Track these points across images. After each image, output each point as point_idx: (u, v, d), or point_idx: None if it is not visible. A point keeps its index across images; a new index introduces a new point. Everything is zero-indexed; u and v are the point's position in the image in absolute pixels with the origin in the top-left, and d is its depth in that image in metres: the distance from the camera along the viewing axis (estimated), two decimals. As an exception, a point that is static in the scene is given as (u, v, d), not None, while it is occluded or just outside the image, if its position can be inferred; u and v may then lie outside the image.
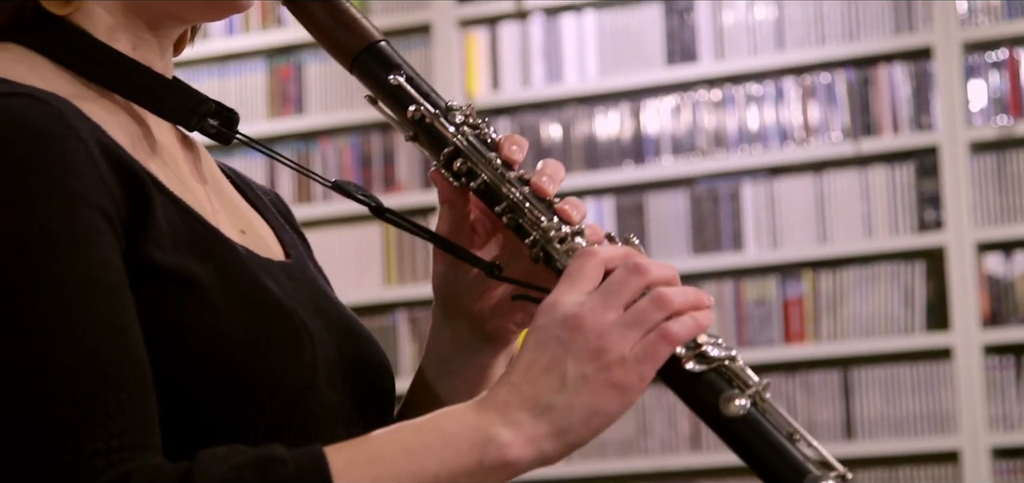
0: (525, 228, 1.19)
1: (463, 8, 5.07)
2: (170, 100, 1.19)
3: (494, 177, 1.20)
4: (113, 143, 1.10)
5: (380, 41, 1.23)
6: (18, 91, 1.07)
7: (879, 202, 4.70)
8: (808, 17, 4.80)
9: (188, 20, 1.24)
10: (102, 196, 1.06)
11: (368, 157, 5.13)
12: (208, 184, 1.25)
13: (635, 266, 1.12)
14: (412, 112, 1.22)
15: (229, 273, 1.13)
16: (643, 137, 4.90)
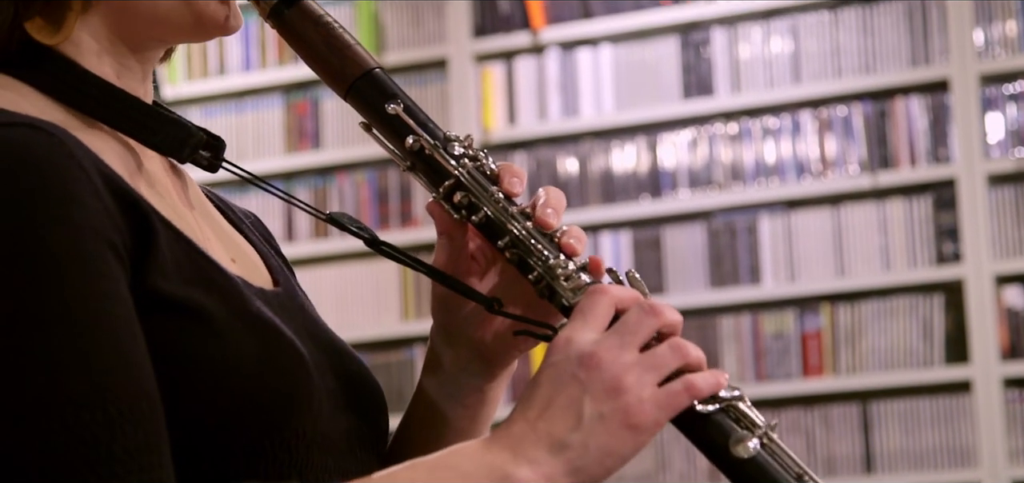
0: (529, 264, 1.18)
1: (479, 43, 5.08)
2: (161, 132, 1.18)
3: (497, 212, 1.19)
4: (113, 172, 1.09)
5: (375, 68, 1.21)
6: (17, 121, 1.05)
7: (897, 235, 4.69)
8: (825, 50, 4.80)
9: (175, 42, 1.23)
10: (107, 227, 1.04)
11: (385, 192, 5.13)
12: (197, 212, 1.24)
13: (650, 308, 1.11)
14: (411, 143, 1.20)
15: (232, 303, 1.12)
16: (660, 171, 4.90)
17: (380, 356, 4.99)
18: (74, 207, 1.03)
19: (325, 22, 1.21)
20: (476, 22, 5.10)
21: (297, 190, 5.19)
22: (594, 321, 1.11)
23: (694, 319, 4.81)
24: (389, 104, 1.20)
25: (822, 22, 4.81)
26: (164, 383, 1.05)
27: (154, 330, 1.06)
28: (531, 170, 4.98)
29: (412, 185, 5.10)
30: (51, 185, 1.02)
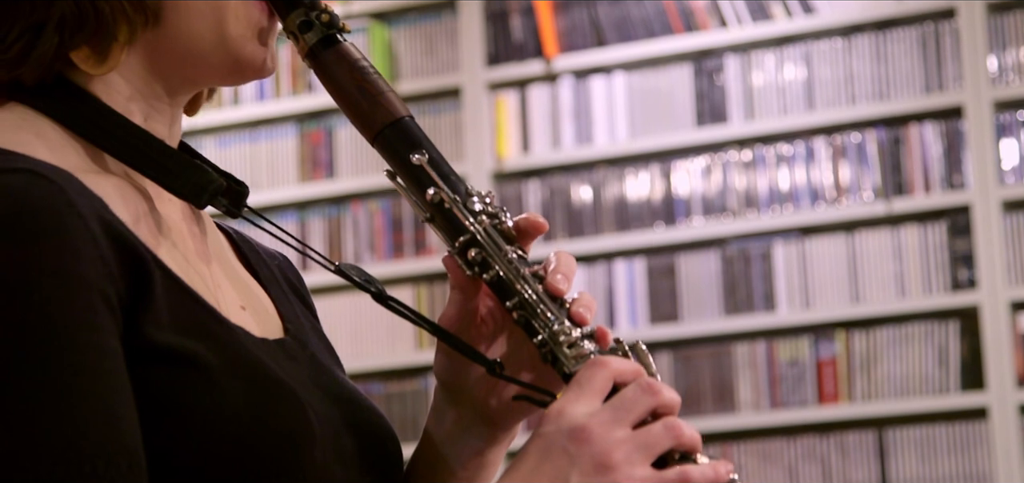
0: (535, 327, 1.17)
1: (493, 71, 5.09)
2: (182, 176, 1.17)
3: (508, 272, 1.18)
4: (115, 219, 1.09)
5: (404, 117, 1.21)
6: (18, 166, 1.05)
7: (912, 261, 4.68)
8: (838, 77, 4.80)
9: (210, 83, 1.23)
10: (101, 277, 1.04)
11: (399, 221, 5.14)
12: (212, 259, 1.23)
13: (648, 386, 1.10)
14: (431, 195, 1.19)
15: (228, 352, 1.11)
16: (674, 198, 4.90)
17: (394, 385, 4.99)
18: (67, 257, 1.02)
19: (360, 66, 1.21)
20: (489, 50, 5.11)
21: (311, 219, 5.20)
22: (590, 393, 1.10)
23: (709, 347, 4.81)
24: (414, 154, 1.20)
25: (835, 49, 4.81)
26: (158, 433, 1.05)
27: (147, 380, 1.06)
28: (545, 198, 4.99)
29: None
30: (46, 235, 1.02)
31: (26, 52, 1.13)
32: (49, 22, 1.13)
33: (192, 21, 1.17)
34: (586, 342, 1.16)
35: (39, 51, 1.13)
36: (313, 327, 1.31)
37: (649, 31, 4.97)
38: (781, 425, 4.71)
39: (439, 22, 5.17)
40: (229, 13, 1.18)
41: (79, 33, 1.13)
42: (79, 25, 1.13)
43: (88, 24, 1.13)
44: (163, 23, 1.16)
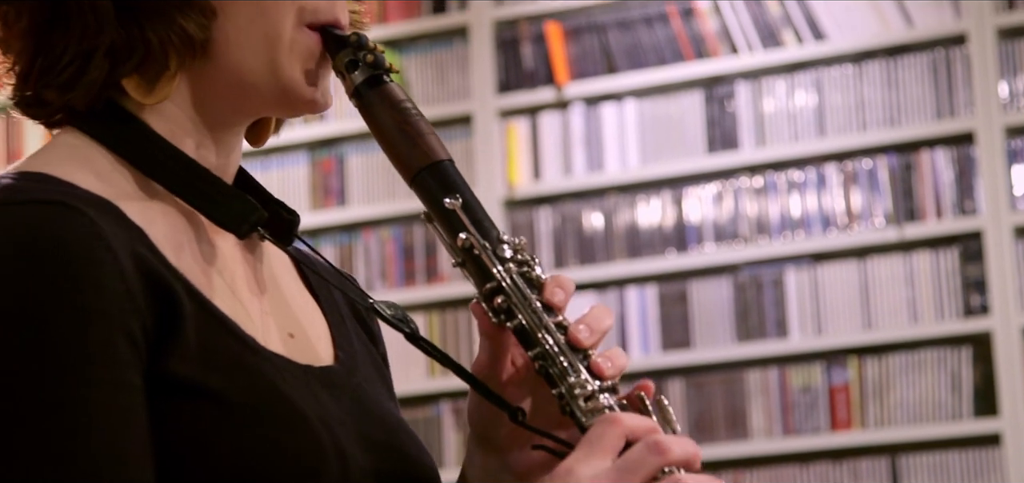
0: (553, 378, 1.17)
1: (504, 99, 5.09)
2: (224, 206, 1.18)
3: (531, 321, 1.17)
4: (150, 251, 1.10)
5: (442, 160, 1.22)
6: (55, 198, 1.07)
7: (924, 288, 4.68)
8: (849, 103, 4.80)
9: (263, 114, 1.24)
10: (125, 312, 1.05)
11: (411, 248, 5.14)
12: (265, 286, 1.24)
13: (655, 445, 1.09)
14: (462, 240, 1.19)
15: (256, 388, 1.12)
16: (685, 225, 4.90)
17: (407, 412, 4.95)
18: (90, 292, 1.04)
19: (403, 107, 1.22)
20: (500, 78, 5.12)
21: (323, 247, 5.20)
22: (600, 452, 1.10)
23: (721, 373, 4.80)
24: (447, 198, 1.20)
25: (846, 75, 4.81)
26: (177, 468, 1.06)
27: (169, 415, 1.07)
28: (556, 225, 4.99)
29: (437, 241, 5.08)
30: (71, 270, 1.03)
31: (77, 77, 1.15)
32: (99, 49, 1.14)
33: (243, 54, 1.18)
34: (604, 396, 1.15)
35: (89, 77, 1.15)
36: (368, 353, 1.32)
37: (660, 58, 4.97)
38: (794, 452, 4.70)
39: (450, 50, 5.18)
40: (281, 46, 1.19)
41: (128, 61, 1.15)
42: (128, 54, 1.15)
43: (137, 53, 1.15)
44: (213, 55, 1.17)
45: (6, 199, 1.07)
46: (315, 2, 1.20)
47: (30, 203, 1.06)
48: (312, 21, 1.20)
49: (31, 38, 1.16)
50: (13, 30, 1.17)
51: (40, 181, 1.11)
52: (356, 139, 5.20)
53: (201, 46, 1.16)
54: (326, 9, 1.21)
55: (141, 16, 1.14)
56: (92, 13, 1.14)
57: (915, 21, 4.77)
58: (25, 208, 1.06)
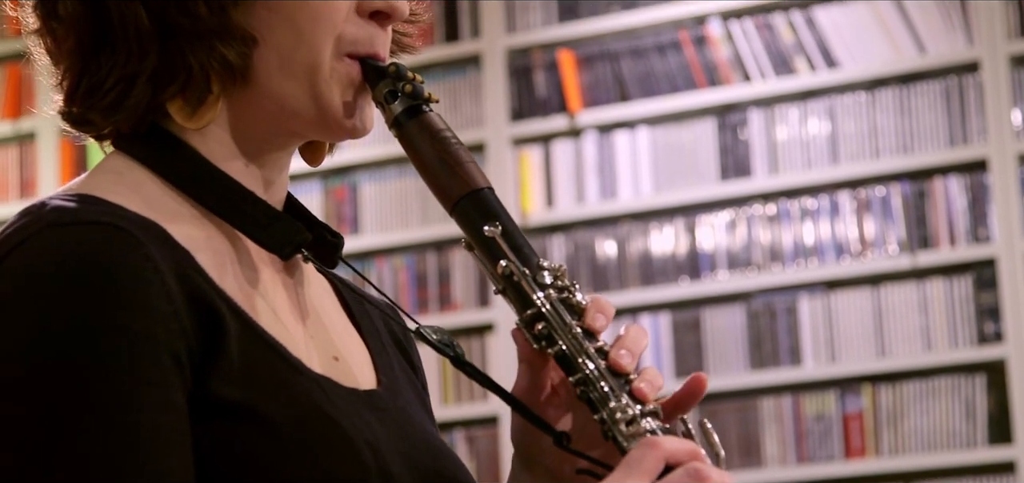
0: (595, 404, 1.17)
1: (516, 127, 5.10)
2: (268, 228, 1.20)
3: (572, 347, 1.19)
4: (196, 272, 1.11)
5: (483, 189, 1.22)
6: (101, 219, 1.09)
7: (938, 315, 4.67)
8: (862, 131, 4.80)
9: (306, 138, 1.26)
10: (172, 333, 1.07)
11: (424, 276, 5.14)
12: (308, 309, 1.25)
13: (695, 472, 1.10)
14: (502, 267, 1.20)
15: (299, 408, 1.13)
16: (698, 252, 4.90)
17: (419, 440, 4.98)
18: (136, 312, 1.05)
19: (442, 136, 1.23)
20: (513, 106, 5.13)
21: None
22: (638, 475, 1.10)
23: (735, 401, 4.79)
24: (487, 226, 1.21)
25: (859, 103, 4.81)
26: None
27: (213, 435, 1.08)
28: (569, 253, 4.99)
29: (450, 269, 5.10)
30: (117, 288, 1.05)
31: (120, 101, 1.17)
32: (142, 74, 1.16)
33: (284, 81, 1.19)
34: (646, 420, 1.16)
35: (132, 101, 1.16)
36: (409, 380, 1.33)
37: (672, 86, 4.98)
38: (808, 480, 4.69)
39: (463, 78, 5.19)
40: (321, 75, 1.20)
41: (170, 86, 1.17)
42: (170, 79, 1.16)
43: (178, 79, 1.17)
44: (254, 82, 1.19)
45: (56, 220, 1.09)
46: (354, 32, 1.21)
47: (79, 224, 1.08)
48: (351, 51, 1.21)
49: (78, 58, 1.18)
50: (62, 48, 1.20)
51: (89, 203, 1.12)
52: (369, 167, 5.21)
53: (241, 73, 1.18)
54: (365, 40, 1.22)
55: (183, 42, 1.16)
56: (136, 39, 1.16)
57: (928, 48, 4.77)
58: (74, 229, 1.08)
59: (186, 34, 1.16)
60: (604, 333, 1.21)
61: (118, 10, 1.16)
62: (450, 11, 5.22)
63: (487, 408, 4.98)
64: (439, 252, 5.12)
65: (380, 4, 1.22)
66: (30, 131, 5.44)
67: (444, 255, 5.11)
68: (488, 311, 4.99)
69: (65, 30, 1.18)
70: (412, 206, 5.18)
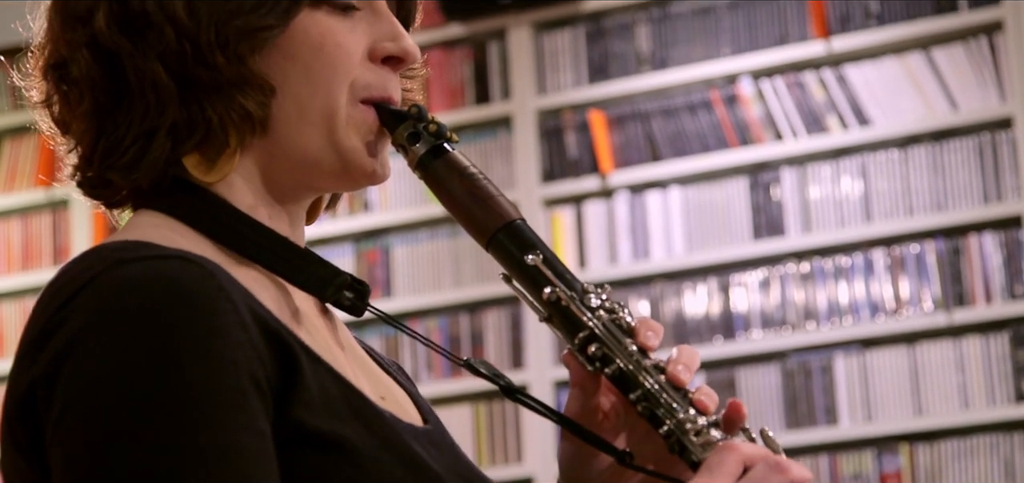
0: (660, 418, 1.18)
1: (548, 187, 5.10)
2: (307, 271, 1.20)
3: (630, 365, 1.19)
4: (262, 307, 1.12)
5: (517, 220, 1.23)
6: (170, 254, 1.09)
7: (975, 373, 4.63)
8: (895, 189, 4.78)
9: (326, 189, 1.26)
10: (252, 360, 1.07)
11: (456, 337, 5.14)
12: (347, 351, 1.26)
13: (776, 464, 1.11)
14: (548, 294, 1.21)
15: (381, 436, 1.13)
16: (732, 312, 4.88)
17: None
18: (218, 340, 1.05)
19: (469, 173, 1.24)
20: (545, 167, 5.13)
21: (369, 337, 5.20)
22: (721, 477, 1.11)
23: (770, 461, 4.76)
24: (528, 255, 1.21)
25: (892, 160, 4.80)
26: None
27: (298, 464, 1.08)
28: (602, 314, 4.97)
29: (483, 330, 5.09)
30: (198, 317, 1.05)
31: (139, 158, 1.17)
32: (161, 129, 1.16)
33: (302, 130, 1.20)
34: (713, 430, 1.17)
35: (151, 156, 1.16)
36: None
37: (704, 145, 4.97)
38: (845, 541, 4.65)
39: (495, 139, 5.20)
40: (338, 122, 1.20)
41: (190, 139, 1.17)
42: (190, 132, 1.17)
43: (198, 131, 1.17)
44: (273, 131, 1.19)
45: (122, 258, 1.08)
46: (367, 78, 1.22)
47: (147, 259, 1.08)
48: (365, 96, 1.22)
49: (93, 119, 1.18)
50: (75, 111, 1.19)
51: (147, 243, 1.12)
52: (402, 230, 5.21)
53: (261, 123, 1.18)
54: (378, 84, 1.23)
55: (201, 94, 1.16)
56: (154, 92, 1.16)
57: (960, 105, 4.75)
58: (144, 264, 1.08)
59: (205, 86, 1.16)
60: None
61: (134, 65, 1.16)
62: (480, 73, 5.23)
63: (522, 470, 4.96)
64: (472, 314, 5.11)
65: (392, 48, 1.23)
66: (63, 198, 5.47)
67: (477, 317, 5.10)
68: (522, 372, 4.97)
69: (79, 92, 1.18)
70: (444, 268, 5.17)
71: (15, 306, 5.57)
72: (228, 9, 1.16)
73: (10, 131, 5.61)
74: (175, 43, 1.15)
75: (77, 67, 1.18)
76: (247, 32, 1.17)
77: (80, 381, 1.04)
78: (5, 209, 5.61)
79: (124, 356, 1.04)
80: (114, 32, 1.16)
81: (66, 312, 1.06)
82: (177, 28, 1.15)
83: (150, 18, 1.16)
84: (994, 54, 4.73)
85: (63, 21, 1.20)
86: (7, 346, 5.54)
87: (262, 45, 1.17)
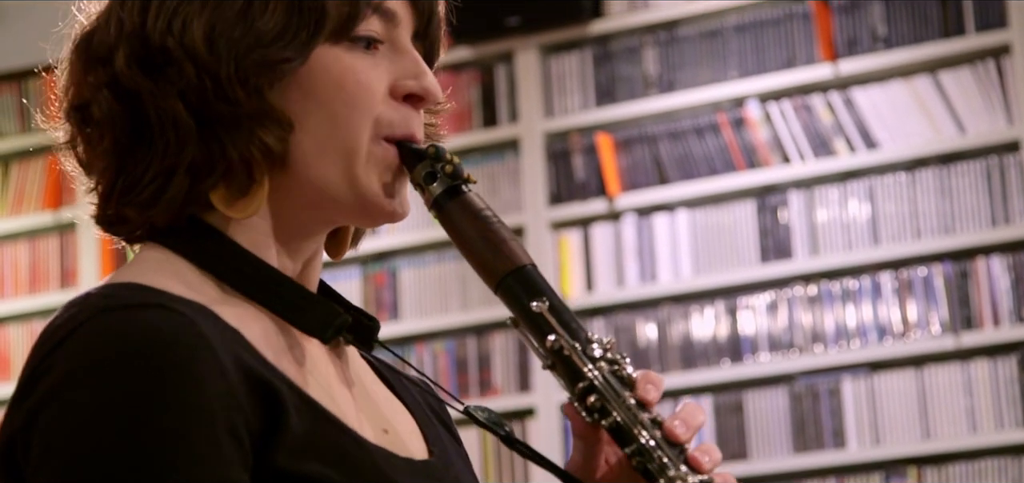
0: (653, 474, 1.18)
1: (556, 210, 5.10)
2: (308, 312, 1.21)
3: (626, 417, 1.19)
4: (249, 351, 1.12)
5: (526, 265, 1.23)
6: (153, 301, 1.10)
7: (983, 396, 4.62)
8: (903, 212, 4.78)
9: (343, 223, 1.27)
10: (229, 409, 1.07)
11: (464, 361, 5.13)
12: (353, 386, 1.26)
13: None
14: (551, 342, 1.21)
15: (365, 475, 1.13)
16: (739, 335, 4.87)
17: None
18: (194, 391, 1.06)
19: (483, 216, 1.24)
20: (552, 190, 5.13)
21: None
22: None
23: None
24: (534, 302, 1.22)
25: (899, 183, 4.79)
26: None
27: None
28: (609, 337, 4.96)
29: (491, 354, 5.09)
30: (175, 367, 1.06)
31: (158, 195, 1.17)
32: (180, 166, 1.17)
33: (322, 166, 1.20)
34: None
35: (170, 194, 1.17)
36: (456, 450, 1.34)
37: (711, 168, 4.97)
38: (853, 565, 4.64)
39: (502, 162, 5.20)
40: (358, 159, 1.21)
41: (208, 177, 1.17)
42: (209, 170, 1.17)
43: (217, 169, 1.17)
44: (292, 167, 1.19)
45: (106, 306, 1.10)
46: (390, 116, 1.22)
47: (130, 307, 1.09)
48: (388, 134, 1.22)
49: (113, 157, 1.19)
50: (96, 150, 1.20)
51: (135, 289, 1.13)
52: (408, 253, 5.21)
53: (280, 158, 1.18)
54: (401, 123, 1.23)
55: (221, 131, 1.17)
56: (173, 130, 1.16)
57: (967, 128, 4.75)
58: (126, 312, 1.09)
59: (224, 121, 1.16)
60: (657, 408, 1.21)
61: (155, 104, 1.16)
62: (488, 96, 5.24)
63: (528, 494, 4.95)
64: (479, 337, 5.11)
65: (414, 86, 1.23)
66: (71, 221, 5.47)
67: (484, 340, 5.10)
68: (529, 396, 4.96)
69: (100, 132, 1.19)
70: (451, 291, 5.17)
71: (22, 329, 5.57)
72: (247, 43, 1.17)
73: (18, 154, 5.62)
74: (195, 78, 1.16)
75: (98, 108, 1.19)
76: (266, 65, 1.17)
77: (57, 430, 1.06)
78: (12, 232, 5.62)
79: (100, 406, 1.05)
80: (135, 72, 1.17)
81: (50, 361, 1.08)
82: (197, 63, 1.16)
83: (170, 54, 1.16)
84: (1001, 77, 4.73)
85: (85, 63, 1.20)
86: (14, 370, 5.54)
87: (281, 78, 1.18)
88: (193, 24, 1.16)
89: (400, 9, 1.24)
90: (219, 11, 1.17)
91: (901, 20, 4.84)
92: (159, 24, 1.17)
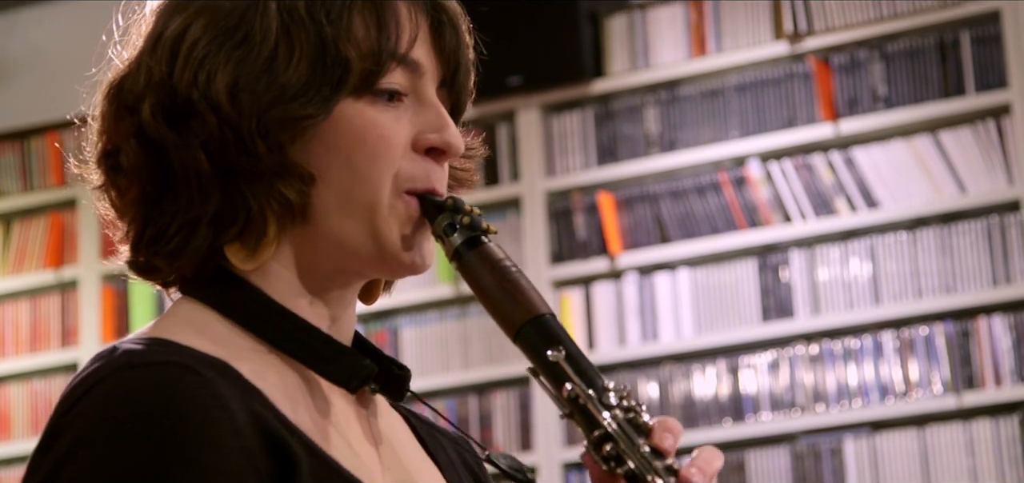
0: None
1: (557, 269, 5.11)
2: (334, 362, 1.21)
3: (640, 466, 1.19)
4: (266, 408, 1.13)
5: (544, 314, 1.24)
6: (171, 359, 1.11)
7: (985, 456, 4.61)
8: (904, 271, 4.78)
9: (368, 275, 1.27)
10: (243, 468, 1.08)
11: (465, 419, 5.13)
12: (380, 442, 1.26)
13: None
14: (567, 391, 1.21)
15: None
16: (741, 394, 4.87)
17: None
18: (208, 451, 1.07)
19: (502, 265, 1.24)
20: (553, 248, 5.13)
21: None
22: None
23: (780, 545, 4.74)
24: (550, 351, 1.22)
25: (901, 243, 4.80)
26: None
27: None
28: (611, 396, 4.96)
29: (492, 413, 5.08)
30: (190, 427, 1.07)
31: (183, 246, 1.19)
32: (204, 217, 1.18)
33: (343, 219, 1.21)
34: None
35: (194, 245, 1.19)
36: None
37: (713, 227, 4.98)
38: None
39: (503, 221, 5.21)
40: (380, 212, 1.22)
41: (231, 228, 1.19)
42: (231, 221, 1.18)
43: (239, 221, 1.18)
44: (313, 219, 1.21)
45: (126, 363, 1.12)
46: (411, 169, 1.23)
47: (149, 365, 1.11)
48: (409, 188, 1.23)
49: (141, 207, 1.21)
50: (126, 198, 1.22)
51: (158, 345, 1.14)
52: (410, 311, 5.21)
53: (300, 211, 1.20)
54: (422, 176, 1.24)
55: (243, 183, 1.18)
56: (197, 182, 1.18)
57: (968, 188, 4.76)
58: (144, 370, 1.10)
59: (246, 175, 1.18)
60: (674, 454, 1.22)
61: (179, 156, 1.18)
62: (490, 155, 5.24)
63: (529, 553, 4.93)
64: (480, 395, 5.10)
65: (435, 140, 1.24)
66: (72, 279, 5.47)
67: (485, 398, 5.09)
68: (531, 454, 4.95)
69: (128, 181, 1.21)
70: (453, 350, 5.17)
71: (23, 388, 5.56)
72: (269, 98, 1.18)
73: (19, 213, 5.63)
74: (217, 131, 1.17)
75: (126, 157, 1.20)
76: (288, 121, 1.18)
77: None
78: (14, 290, 5.62)
79: (115, 466, 1.07)
80: (160, 123, 1.18)
81: (72, 416, 1.10)
82: (219, 116, 1.17)
83: (194, 107, 1.17)
84: (1002, 137, 4.74)
85: (115, 111, 1.22)
86: (14, 429, 5.53)
87: (302, 134, 1.19)
88: (217, 76, 1.18)
89: (425, 59, 1.25)
90: (244, 64, 1.18)
91: (902, 80, 4.86)
92: (185, 75, 1.18)
